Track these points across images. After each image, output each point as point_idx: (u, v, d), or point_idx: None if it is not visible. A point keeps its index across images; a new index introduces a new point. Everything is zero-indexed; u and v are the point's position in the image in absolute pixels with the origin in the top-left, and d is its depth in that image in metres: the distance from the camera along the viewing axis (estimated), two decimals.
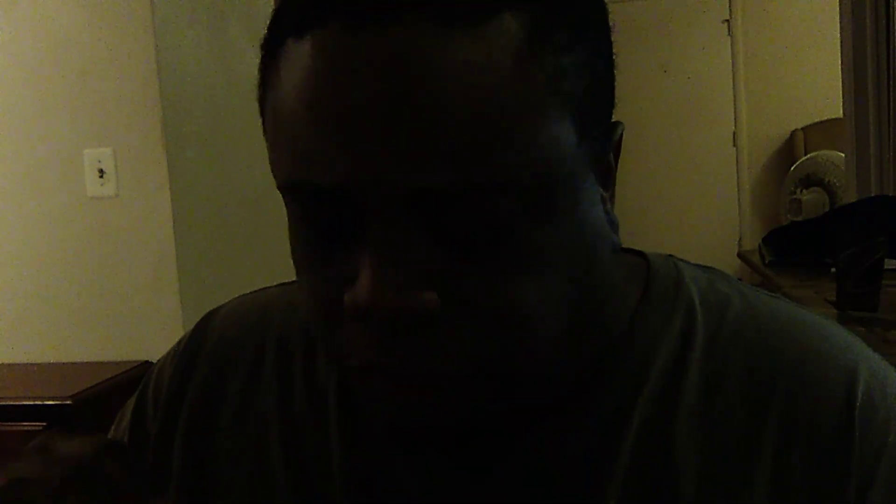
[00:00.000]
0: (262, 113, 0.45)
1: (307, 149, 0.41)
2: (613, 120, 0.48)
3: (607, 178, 0.48)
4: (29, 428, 1.82)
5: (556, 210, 0.42)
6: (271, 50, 0.43)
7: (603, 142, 0.46)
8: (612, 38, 0.47)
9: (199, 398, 0.57)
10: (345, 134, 0.39)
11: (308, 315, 0.47)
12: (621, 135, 0.49)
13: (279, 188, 0.44)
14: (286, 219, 0.46)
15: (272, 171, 0.44)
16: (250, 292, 0.63)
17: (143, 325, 2.10)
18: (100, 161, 2.07)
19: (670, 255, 0.55)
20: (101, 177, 2.08)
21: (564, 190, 0.43)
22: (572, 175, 0.43)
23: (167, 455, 0.57)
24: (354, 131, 0.39)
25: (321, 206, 0.42)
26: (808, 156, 5.02)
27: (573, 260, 0.44)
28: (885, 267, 1.79)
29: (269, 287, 0.63)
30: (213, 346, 0.59)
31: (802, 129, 5.28)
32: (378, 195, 0.39)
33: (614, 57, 0.47)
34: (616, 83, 0.47)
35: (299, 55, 0.41)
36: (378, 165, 0.39)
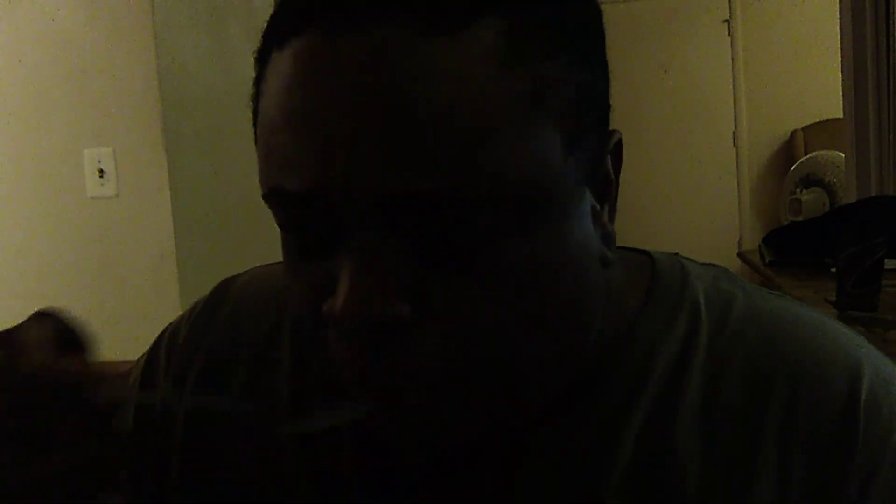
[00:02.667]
0: (254, 126, 0.45)
1: (283, 156, 0.41)
2: (613, 126, 0.47)
3: (605, 190, 0.47)
4: None
5: (539, 224, 0.42)
6: (261, 64, 0.44)
7: (596, 152, 0.45)
8: (612, 40, 0.47)
9: (210, 365, 0.57)
10: (318, 140, 0.39)
11: (297, 321, 0.47)
12: (619, 143, 0.47)
13: (262, 197, 0.44)
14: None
15: (259, 182, 0.44)
16: (268, 264, 0.63)
17: (143, 325, 2.10)
18: (100, 161, 2.07)
19: (675, 254, 0.55)
20: (101, 177, 2.08)
21: (549, 204, 0.42)
22: (558, 189, 0.42)
23: (174, 418, 0.56)
24: (327, 137, 0.39)
25: (299, 213, 0.42)
26: (808, 156, 5.01)
27: (555, 276, 0.43)
28: (885, 267, 1.79)
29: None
30: (230, 314, 0.59)
31: (802, 129, 5.27)
32: (351, 202, 0.39)
33: (609, 61, 0.46)
34: (616, 83, 0.47)
35: (279, 64, 0.41)
36: (350, 172, 0.39)
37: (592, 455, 0.48)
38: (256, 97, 0.44)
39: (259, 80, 0.44)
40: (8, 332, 0.42)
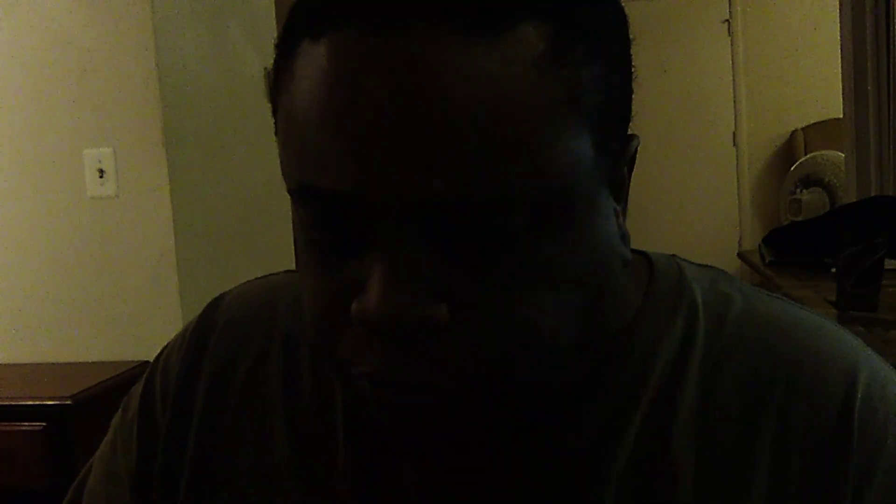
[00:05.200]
0: (275, 113, 0.45)
1: (318, 153, 0.40)
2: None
3: (620, 191, 0.47)
4: (29, 428, 1.82)
5: (570, 225, 0.42)
6: (286, 50, 0.43)
7: (618, 156, 0.46)
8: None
9: (209, 389, 0.57)
10: (356, 140, 0.39)
11: (311, 319, 0.46)
12: (636, 148, 0.48)
13: (289, 191, 0.43)
14: (286, 219, 0.46)
15: (282, 172, 0.44)
16: (256, 278, 0.63)
17: (143, 325, 2.10)
18: (100, 161, 2.07)
19: (673, 255, 0.55)
20: (101, 177, 2.08)
21: (579, 205, 0.42)
22: (588, 190, 0.43)
23: (180, 447, 0.56)
24: (365, 138, 0.39)
25: (329, 211, 0.42)
26: (808, 156, 5.01)
27: (585, 275, 0.44)
28: (885, 267, 1.79)
29: (276, 273, 0.63)
30: (220, 334, 0.59)
31: (802, 129, 5.28)
32: (387, 204, 0.39)
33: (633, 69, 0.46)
34: None
35: (314, 57, 0.40)
36: (387, 174, 0.38)
37: (591, 456, 0.48)
38: (278, 86, 0.44)
39: (283, 69, 0.43)
40: None
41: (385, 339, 0.41)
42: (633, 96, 0.47)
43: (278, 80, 0.44)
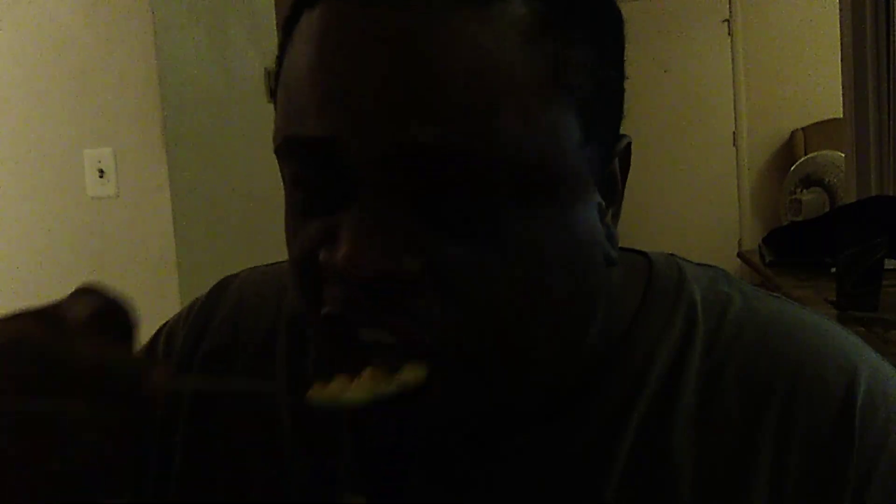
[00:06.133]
0: (275, 87, 0.46)
1: (302, 103, 0.41)
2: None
3: (612, 190, 0.47)
4: None
5: (550, 201, 0.42)
6: (288, 27, 0.44)
7: (607, 149, 0.46)
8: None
9: (208, 366, 0.57)
10: (339, 90, 0.40)
11: (293, 277, 0.46)
12: (628, 149, 0.48)
13: (275, 152, 0.44)
14: (284, 203, 0.46)
15: (273, 139, 0.44)
16: (265, 265, 0.63)
17: (143, 324, 2.10)
18: (100, 161, 2.07)
19: (672, 255, 0.55)
20: (101, 177, 2.07)
21: (561, 182, 0.43)
22: (572, 173, 0.43)
23: (174, 421, 0.56)
24: (349, 88, 0.40)
25: (310, 163, 0.42)
26: (808, 156, 5.01)
27: (561, 256, 0.43)
28: (885, 267, 1.79)
29: (285, 261, 0.63)
30: (226, 315, 0.59)
31: (802, 129, 5.27)
32: (366, 151, 0.39)
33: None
34: None
35: (309, 24, 0.42)
36: (368, 120, 0.39)
37: (591, 456, 0.48)
38: (280, 59, 0.45)
39: (284, 45, 0.45)
40: (50, 308, 0.40)
41: (354, 290, 0.41)
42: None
43: (280, 57, 0.45)
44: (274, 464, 0.53)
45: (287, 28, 0.45)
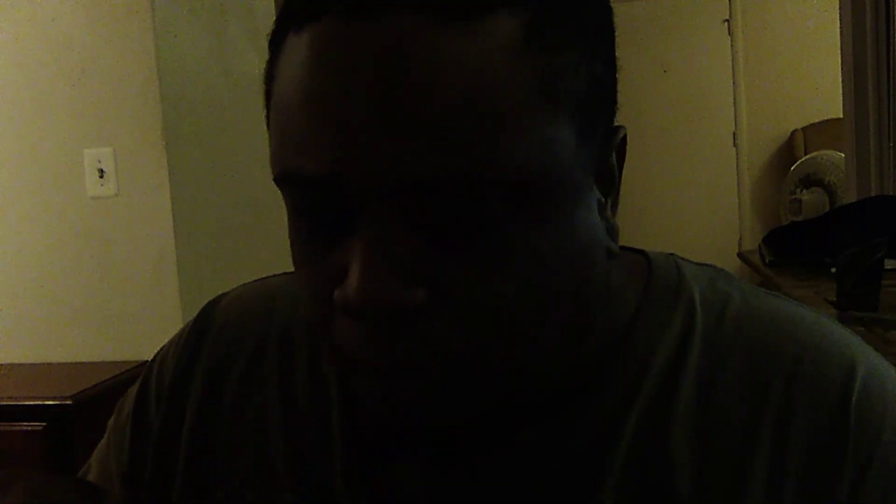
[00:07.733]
0: (267, 109, 0.45)
1: (298, 138, 0.41)
2: (615, 124, 0.48)
3: (609, 183, 0.48)
4: (29, 428, 1.82)
5: (551, 211, 0.42)
6: (275, 46, 0.44)
7: (604, 146, 0.46)
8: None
9: (204, 389, 0.57)
10: (334, 124, 0.39)
11: (305, 309, 0.47)
12: (624, 140, 0.48)
13: (274, 180, 0.44)
14: (286, 219, 0.46)
15: (270, 164, 0.44)
16: (254, 280, 0.63)
17: (143, 325, 2.10)
18: (100, 161, 2.07)
19: (671, 254, 0.56)
20: (101, 177, 2.08)
21: (560, 191, 0.43)
22: (570, 177, 0.43)
23: (173, 447, 0.57)
24: (345, 121, 0.39)
25: (312, 197, 0.42)
26: (808, 156, 5.01)
27: (565, 262, 0.44)
28: (885, 267, 1.79)
29: (274, 275, 0.63)
30: (217, 335, 0.59)
31: (802, 129, 5.28)
32: (366, 187, 0.39)
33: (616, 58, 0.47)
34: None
35: (297, 48, 0.41)
36: (366, 156, 0.39)
37: (590, 454, 0.48)
38: (269, 80, 0.45)
39: (273, 64, 0.44)
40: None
41: (366, 324, 0.41)
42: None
43: (269, 76, 0.45)
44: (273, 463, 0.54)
45: (273, 45, 0.44)
